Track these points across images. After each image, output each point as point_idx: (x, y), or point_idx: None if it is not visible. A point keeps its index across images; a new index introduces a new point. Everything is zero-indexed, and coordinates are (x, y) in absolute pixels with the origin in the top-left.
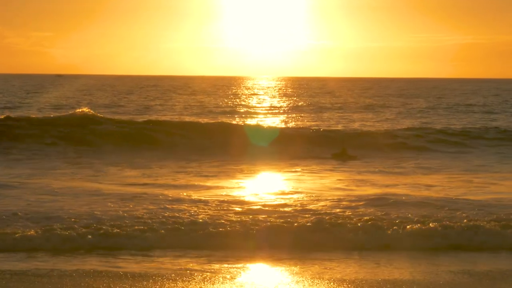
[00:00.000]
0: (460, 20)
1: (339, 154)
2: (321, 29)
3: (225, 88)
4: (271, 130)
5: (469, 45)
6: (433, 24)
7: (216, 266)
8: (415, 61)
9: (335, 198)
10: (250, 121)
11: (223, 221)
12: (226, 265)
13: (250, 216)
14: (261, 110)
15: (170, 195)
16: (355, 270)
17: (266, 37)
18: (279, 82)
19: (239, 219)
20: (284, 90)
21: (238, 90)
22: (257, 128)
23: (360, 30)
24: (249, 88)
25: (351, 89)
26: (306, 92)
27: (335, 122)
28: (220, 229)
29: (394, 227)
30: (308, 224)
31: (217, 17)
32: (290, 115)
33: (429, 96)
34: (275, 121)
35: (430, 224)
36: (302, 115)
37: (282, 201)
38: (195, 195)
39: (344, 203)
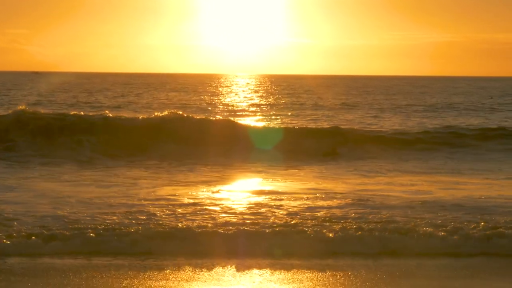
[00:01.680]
0: (437, 19)
1: (329, 152)
2: (299, 26)
3: (205, 85)
4: (260, 129)
5: (447, 43)
6: (411, 22)
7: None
8: (393, 59)
9: (314, 198)
10: (236, 119)
11: (181, 224)
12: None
13: (215, 218)
14: (247, 108)
15: (144, 196)
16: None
17: (244, 35)
18: (258, 80)
19: (195, 221)
20: (267, 88)
21: (218, 88)
22: (246, 126)
23: (338, 28)
24: (229, 86)
25: (331, 87)
26: (289, 90)
27: (322, 121)
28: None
29: (375, 233)
30: (272, 225)
31: (195, 15)
32: (274, 113)
33: (411, 93)
34: (263, 120)
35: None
36: (287, 113)
37: (253, 202)
38: (154, 196)
39: (319, 204)
